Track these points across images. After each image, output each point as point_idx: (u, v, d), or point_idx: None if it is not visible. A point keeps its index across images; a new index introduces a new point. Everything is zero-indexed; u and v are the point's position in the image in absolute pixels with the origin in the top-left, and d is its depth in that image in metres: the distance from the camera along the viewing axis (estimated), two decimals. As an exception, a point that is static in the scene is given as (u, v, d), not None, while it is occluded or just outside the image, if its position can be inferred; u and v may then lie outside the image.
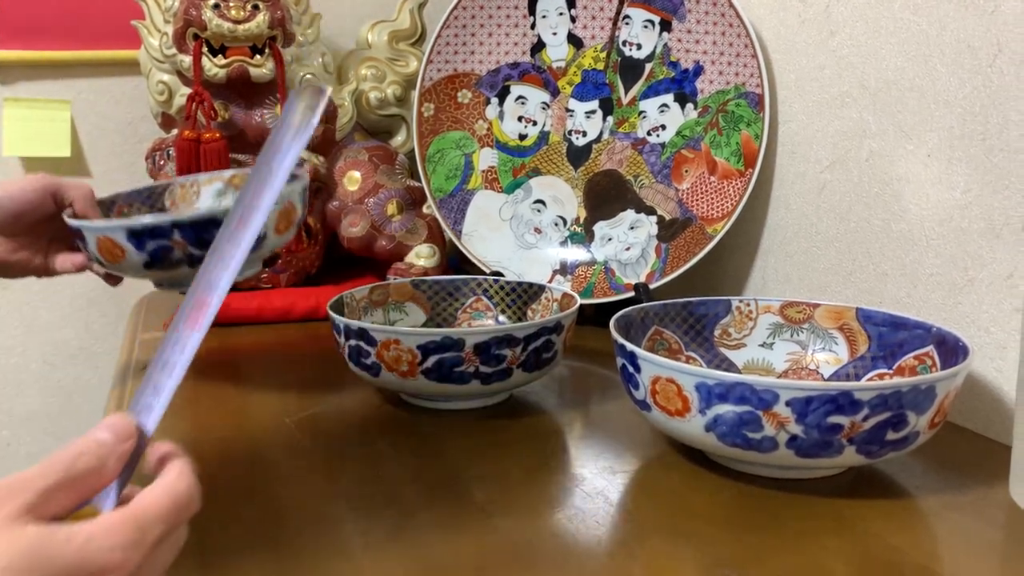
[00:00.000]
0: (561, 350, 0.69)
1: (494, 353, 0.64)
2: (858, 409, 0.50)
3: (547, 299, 0.78)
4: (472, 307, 0.82)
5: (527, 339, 0.65)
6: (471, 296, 0.82)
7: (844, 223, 0.78)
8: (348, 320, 0.67)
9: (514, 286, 0.81)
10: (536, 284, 0.80)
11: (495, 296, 0.82)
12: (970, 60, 0.64)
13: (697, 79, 0.91)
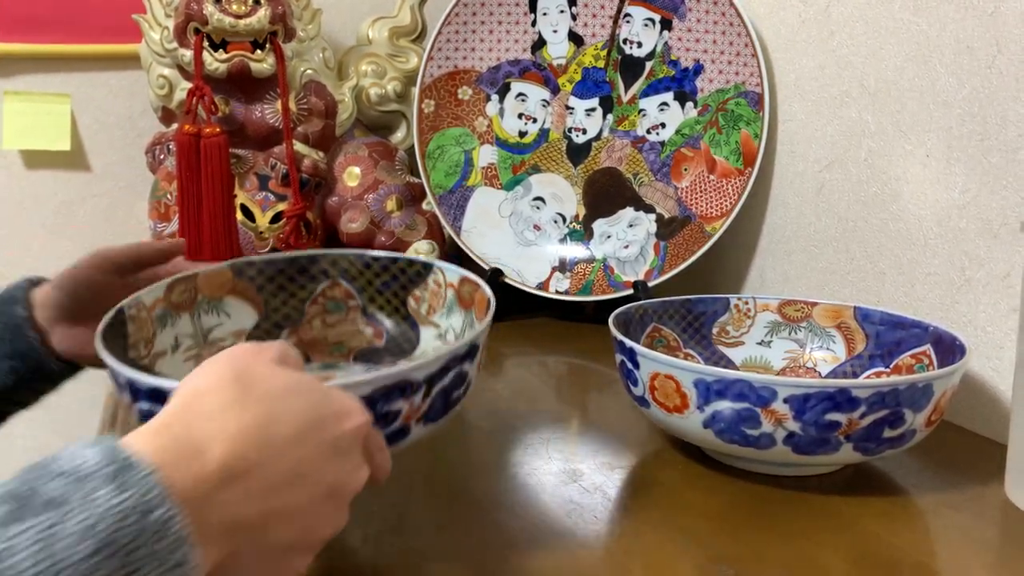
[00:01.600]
0: (475, 377, 0.48)
1: (380, 412, 0.41)
2: (856, 406, 0.50)
3: (436, 283, 0.57)
4: (327, 295, 0.59)
5: (430, 379, 0.42)
6: (323, 280, 0.59)
7: (842, 222, 0.78)
8: (119, 366, 0.42)
9: (386, 263, 0.59)
10: (417, 261, 0.58)
11: (358, 278, 0.59)
12: (969, 61, 0.64)
13: (697, 78, 0.92)
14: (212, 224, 0.95)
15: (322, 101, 1.02)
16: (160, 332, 0.54)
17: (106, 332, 0.48)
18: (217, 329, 0.58)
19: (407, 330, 0.59)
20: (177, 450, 0.30)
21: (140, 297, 0.53)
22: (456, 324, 0.56)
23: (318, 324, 0.60)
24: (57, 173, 1.15)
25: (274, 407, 0.33)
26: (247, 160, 1.00)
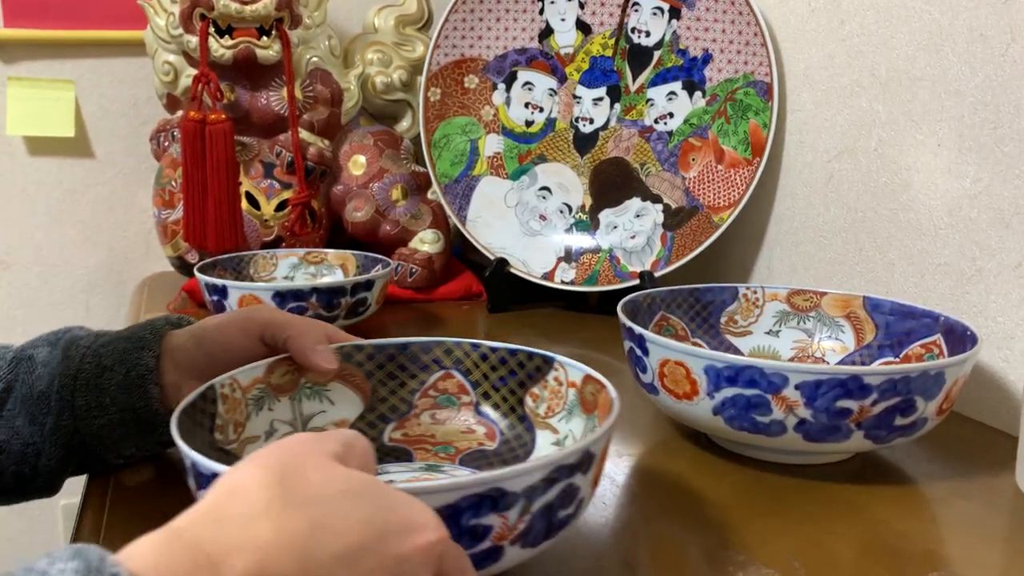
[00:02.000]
0: (589, 494, 0.41)
1: (467, 526, 0.35)
2: (867, 394, 0.50)
3: (556, 381, 0.52)
4: (437, 388, 0.55)
5: (529, 493, 0.36)
6: (435, 370, 0.55)
7: (851, 213, 0.77)
8: (185, 447, 0.38)
9: (503, 356, 0.53)
10: (537, 354, 0.53)
11: (473, 371, 0.54)
12: (982, 49, 0.64)
13: (706, 67, 0.91)
14: (217, 212, 0.95)
15: (328, 89, 1.02)
16: (255, 416, 0.50)
17: (189, 409, 0.44)
18: (318, 417, 0.53)
19: (522, 432, 0.52)
20: (187, 564, 0.25)
21: (236, 375, 0.49)
22: (576, 429, 0.50)
23: (426, 419, 0.55)
24: (61, 160, 1.15)
25: (323, 514, 0.27)
26: (252, 147, 1.00)
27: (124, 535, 0.47)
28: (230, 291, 0.77)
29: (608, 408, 0.44)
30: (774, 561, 0.46)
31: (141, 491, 0.53)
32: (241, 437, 0.49)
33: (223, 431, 0.48)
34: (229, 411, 0.48)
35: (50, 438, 0.51)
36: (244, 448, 0.49)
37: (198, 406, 0.45)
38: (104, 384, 0.51)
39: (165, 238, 1.01)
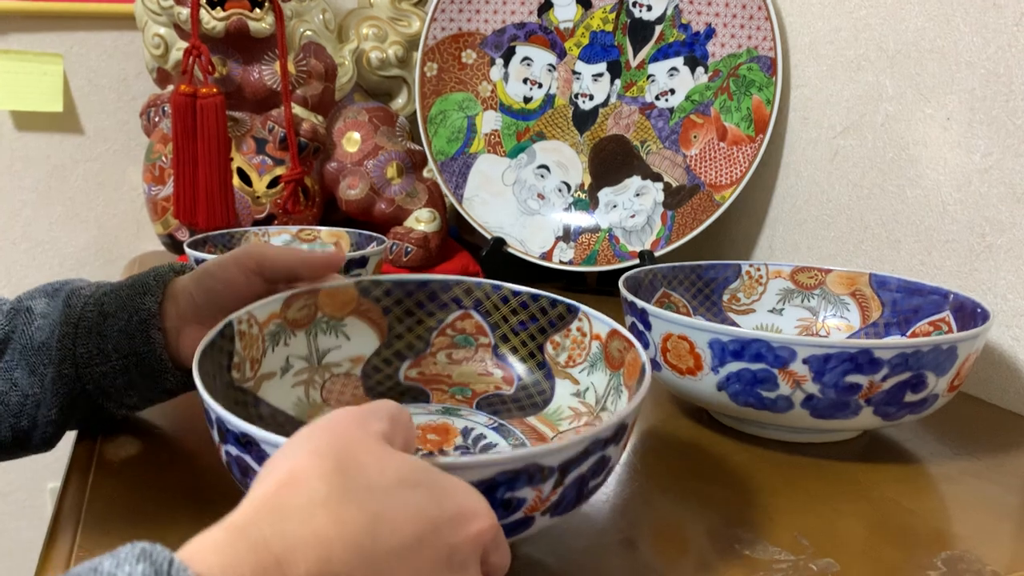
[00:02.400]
0: (617, 461, 0.40)
1: (501, 499, 0.34)
2: (877, 368, 0.49)
3: (580, 331, 0.50)
4: (456, 327, 0.53)
5: (565, 466, 0.35)
6: (454, 309, 0.53)
7: (857, 190, 0.76)
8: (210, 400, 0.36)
9: (525, 299, 0.52)
10: (561, 301, 0.51)
11: (493, 313, 0.53)
12: (995, 19, 0.62)
13: (708, 42, 0.89)
14: (208, 188, 0.93)
15: (322, 63, 0.99)
16: (271, 352, 0.49)
17: (208, 349, 0.42)
18: (334, 352, 0.52)
19: (540, 380, 0.51)
20: (253, 565, 0.24)
21: (252, 310, 0.47)
22: (599, 384, 0.48)
23: (443, 358, 0.53)
24: (49, 135, 1.13)
25: (383, 506, 0.27)
26: (244, 123, 0.98)
27: (107, 511, 0.46)
28: None
29: (637, 371, 0.43)
30: (781, 539, 0.44)
31: (125, 466, 0.51)
32: (258, 374, 0.47)
33: (240, 369, 0.46)
34: (246, 347, 0.47)
35: (50, 388, 0.50)
36: (260, 385, 0.48)
37: (216, 345, 0.44)
38: (106, 331, 0.50)
39: (155, 215, 0.99)
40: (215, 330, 0.44)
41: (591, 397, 0.49)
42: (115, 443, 0.54)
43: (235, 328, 0.46)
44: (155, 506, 0.47)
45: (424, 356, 0.53)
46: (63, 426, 0.52)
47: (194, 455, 0.53)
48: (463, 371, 0.53)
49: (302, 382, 0.50)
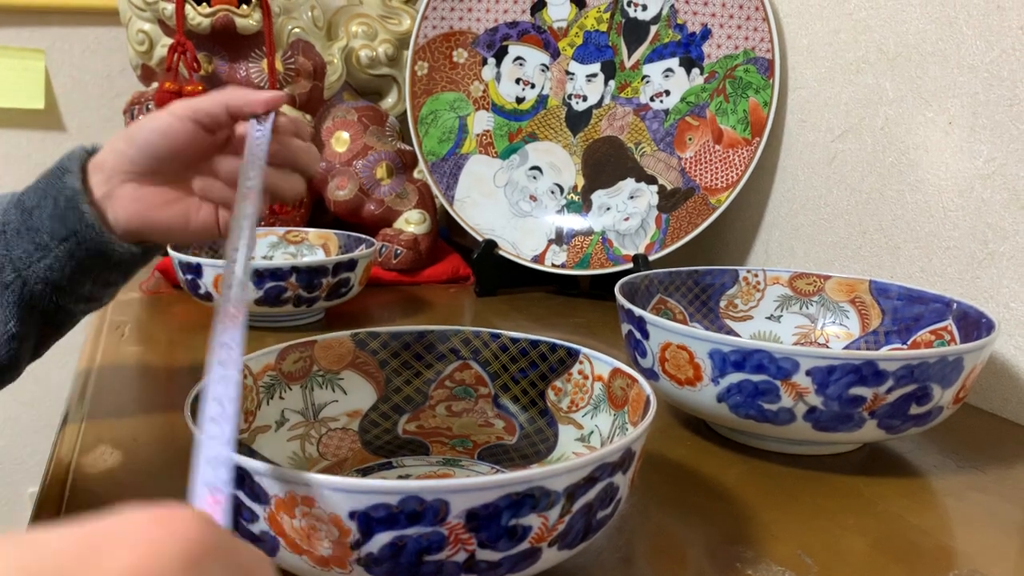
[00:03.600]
0: (626, 495, 0.39)
1: (506, 526, 0.32)
2: (882, 380, 0.47)
3: (581, 375, 0.49)
4: (453, 379, 0.52)
5: (571, 492, 0.34)
6: (452, 360, 0.52)
7: (855, 194, 0.74)
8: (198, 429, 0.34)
9: (524, 347, 0.51)
10: (561, 346, 0.49)
11: (492, 362, 0.51)
12: (999, 22, 0.61)
13: (704, 43, 0.88)
14: (192, 187, 0.91)
15: (310, 61, 0.97)
16: (266, 404, 0.48)
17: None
18: (331, 407, 0.51)
19: (543, 427, 0.50)
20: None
21: (248, 362, 0.46)
22: (603, 425, 0.47)
23: (442, 411, 0.52)
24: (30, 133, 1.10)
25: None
26: (230, 121, 0.95)
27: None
28: (205, 269, 0.73)
29: (642, 404, 0.42)
30: (783, 557, 0.43)
31: (103, 479, 0.50)
32: (252, 426, 0.46)
33: None
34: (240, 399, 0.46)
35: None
36: (255, 438, 0.46)
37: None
38: (35, 223, 0.48)
39: (138, 215, 0.97)
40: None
41: (596, 440, 0.48)
42: (93, 453, 0.52)
43: None
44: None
45: (423, 409, 0.52)
46: (25, 340, 0.49)
47: (172, 466, 0.51)
48: (463, 423, 0.52)
49: (298, 436, 0.49)
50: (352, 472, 0.49)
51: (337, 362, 0.50)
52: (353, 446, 0.50)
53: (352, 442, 0.50)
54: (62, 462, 0.52)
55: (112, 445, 0.54)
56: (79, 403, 0.61)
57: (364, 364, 0.51)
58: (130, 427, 0.57)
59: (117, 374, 0.67)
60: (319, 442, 0.50)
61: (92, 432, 0.55)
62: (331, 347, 0.50)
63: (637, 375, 0.44)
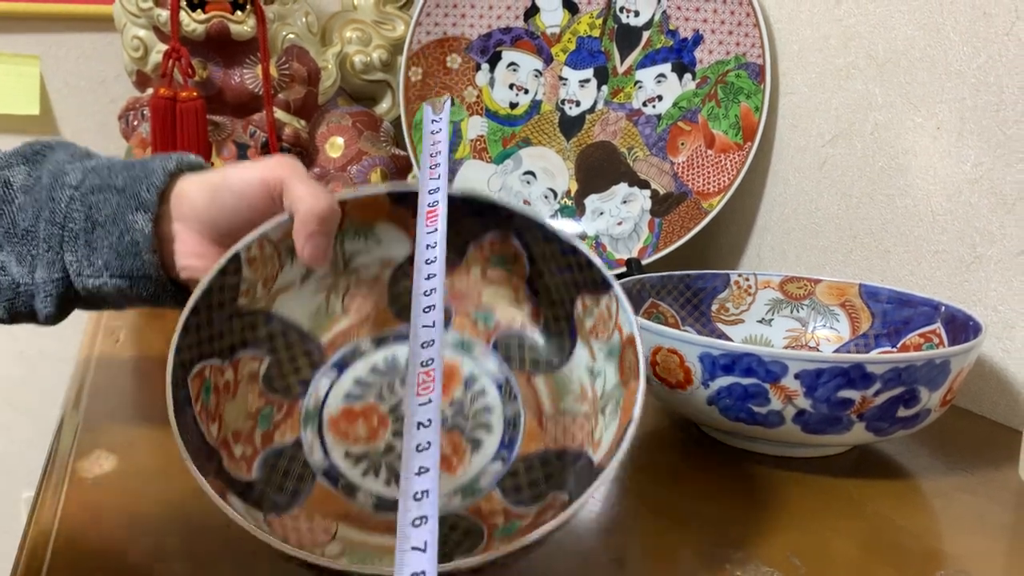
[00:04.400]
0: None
1: None
2: (870, 383, 0.48)
3: (608, 310, 0.45)
4: (492, 247, 0.48)
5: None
6: (493, 229, 0.47)
7: (846, 199, 0.75)
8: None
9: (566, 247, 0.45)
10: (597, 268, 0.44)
11: (533, 245, 0.47)
12: (985, 28, 0.62)
13: (696, 48, 0.88)
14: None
15: (304, 67, 0.98)
16: (289, 264, 0.45)
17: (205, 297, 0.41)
18: (362, 255, 0.48)
19: (564, 332, 0.48)
20: None
21: (265, 232, 0.43)
22: (609, 380, 0.45)
23: (476, 274, 0.49)
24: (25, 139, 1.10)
25: None
26: (225, 127, 0.96)
27: (80, 529, 0.44)
28: None
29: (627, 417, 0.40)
30: (773, 559, 0.43)
31: (98, 484, 0.50)
32: (272, 290, 0.45)
33: (249, 294, 0.44)
34: (258, 270, 0.44)
35: (43, 288, 0.46)
36: (274, 300, 0.45)
37: (216, 286, 0.42)
38: (95, 243, 0.46)
39: (133, 220, 0.97)
40: (214, 272, 0.42)
41: (600, 385, 0.45)
42: (89, 458, 0.53)
43: (243, 259, 0.43)
44: (128, 519, 0.45)
45: (457, 267, 0.49)
46: (63, 315, 0.48)
47: (168, 471, 0.52)
48: (494, 293, 0.49)
49: (325, 288, 0.47)
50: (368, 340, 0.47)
51: (372, 216, 0.46)
52: (380, 302, 0.48)
53: (380, 296, 0.48)
54: (58, 467, 0.52)
55: (108, 450, 0.54)
56: (74, 408, 0.61)
57: (401, 217, 0.47)
58: (126, 432, 0.57)
59: (112, 379, 0.68)
60: (346, 293, 0.48)
61: (88, 437, 0.56)
62: (365, 205, 0.46)
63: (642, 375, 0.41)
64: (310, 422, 0.46)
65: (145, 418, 0.60)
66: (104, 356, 0.73)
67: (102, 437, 0.56)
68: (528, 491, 0.44)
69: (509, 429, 0.46)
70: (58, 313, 0.48)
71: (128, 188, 0.46)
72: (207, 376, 0.43)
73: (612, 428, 0.43)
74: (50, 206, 0.46)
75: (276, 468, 0.44)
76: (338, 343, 0.48)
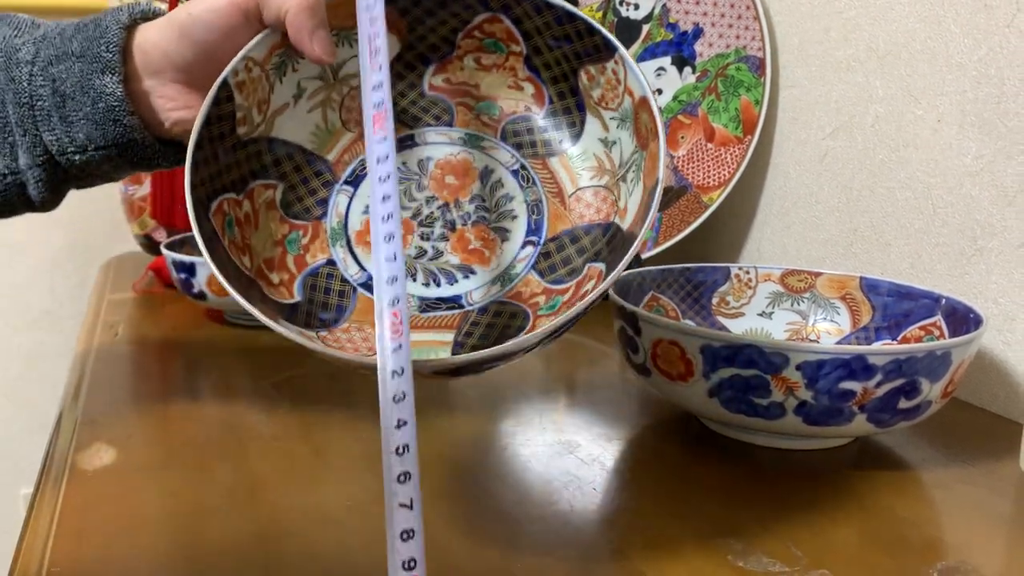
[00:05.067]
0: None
1: None
2: (872, 375, 0.48)
3: (615, 75, 0.43)
4: (483, 30, 0.46)
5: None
6: (480, 10, 0.45)
7: (846, 192, 0.75)
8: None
9: (560, 15, 0.44)
10: (599, 32, 0.43)
11: (524, 20, 0.45)
12: (986, 20, 0.61)
13: (696, 42, 0.88)
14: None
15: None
16: (279, 83, 0.44)
17: (204, 130, 0.40)
18: (350, 63, 0.46)
19: (572, 108, 0.45)
20: None
21: (249, 53, 0.42)
22: (626, 146, 0.43)
23: (471, 63, 0.47)
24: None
25: None
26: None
27: (80, 522, 0.44)
28: (199, 269, 0.73)
29: (653, 178, 0.39)
30: (774, 549, 0.43)
31: (98, 477, 0.50)
32: (268, 113, 0.45)
33: (247, 121, 0.43)
34: (249, 95, 0.43)
35: (29, 173, 0.44)
36: (273, 123, 0.45)
37: (213, 117, 0.41)
38: (70, 117, 0.44)
39: (132, 215, 0.97)
40: (208, 103, 0.41)
41: (616, 154, 0.44)
42: (88, 451, 0.52)
43: (232, 84, 0.42)
44: (129, 514, 0.45)
45: (450, 60, 0.47)
46: (58, 196, 0.46)
47: (167, 464, 0.51)
48: (492, 80, 0.47)
49: (318, 104, 0.46)
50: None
51: (351, 16, 0.43)
52: None
53: None
54: (57, 460, 0.52)
55: (107, 443, 0.54)
56: (73, 401, 0.61)
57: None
58: (125, 425, 0.57)
59: (111, 372, 0.68)
60: (341, 106, 0.47)
61: (87, 431, 0.56)
62: (342, 4, 0.44)
63: (660, 128, 0.40)
64: (338, 239, 0.46)
65: (145, 411, 0.60)
66: (103, 349, 0.73)
67: (101, 430, 0.56)
68: (563, 268, 0.45)
69: (533, 214, 0.46)
70: (53, 196, 0.46)
71: (87, 52, 0.43)
72: (226, 210, 0.43)
73: (636, 193, 0.42)
74: (12, 87, 0.43)
75: (316, 288, 0.45)
76: (346, 160, 0.47)
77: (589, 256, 0.45)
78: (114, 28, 0.43)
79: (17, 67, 0.43)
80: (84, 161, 0.45)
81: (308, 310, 0.44)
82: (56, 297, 1.16)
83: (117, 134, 0.44)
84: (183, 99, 0.44)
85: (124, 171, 0.47)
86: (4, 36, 0.44)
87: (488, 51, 0.47)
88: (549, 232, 0.46)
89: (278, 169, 0.46)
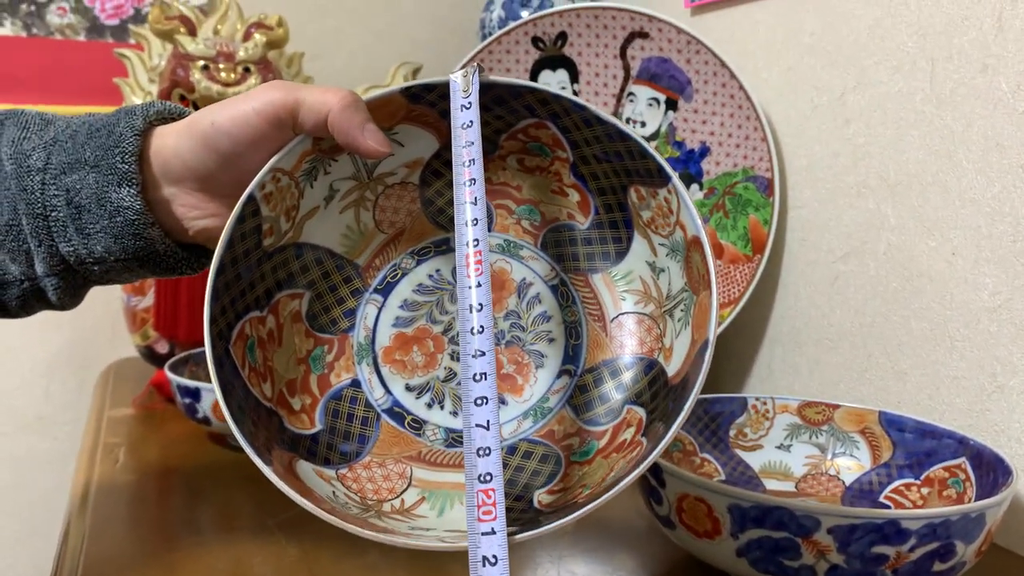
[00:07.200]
0: None
1: None
2: (905, 539, 0.46)
3: (667, 202, 0.40)
4: (528, 134, 0.43)
5: None
6: (526, 116, 0.42)
7: (859, 317, 0.75)
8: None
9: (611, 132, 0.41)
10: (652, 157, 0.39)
11: (573, 131, 0.42)
12: (999, 159, 0.62)
13: (703, 160, 0.89)
14: (190, 299, 0.90)
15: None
16: (310, 188, 0.42)
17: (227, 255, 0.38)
18: (386, 162, 0.44)
19: (619, 223, 0.42)
20: None
21: (277, 164, 0.40)
22: (675, 279, 0.40)
23: (513, 163, 0.44)
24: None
25: None
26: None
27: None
28: (203, 394, 0.71)
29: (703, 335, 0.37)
30: None
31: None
32: (296, 220, 0.42)
33: (273, 232, 0.41)
34: (276, 206, 0.41)
35: (46, 280, 0.43)
36: (301, 230, 0.42)
37: (237, 237, 0.39)
38: (87, 228, 0.42)
39: (134, 326, 0.96)
40: (232, 223, 0.38)
41: (664, 284, 0.41)
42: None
43: (257, 199, 0.40)
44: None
45: (492, 159, 0.44)
46: (79, 296, 0.45)
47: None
48: (535, 183, 0.44)
49: (351, 204, 0.44)
50: (407, 256, 0.44)
51: (388, 119, 0.42)
52: (412, 208, 0.44)
53: (411, 201, 0.45)
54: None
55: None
56: (77, 525, 0.59)
57: (421, 116, 0.43)
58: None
59: (111, 513, 0.65)
60: (375, 206, 0.44)
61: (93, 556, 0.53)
62: (379, 107, 0.41)
63: (712, 277, 0.38)
64: (364, 356, 0.43)
65: (149, 556, 0.58)
66: (104, 480, 0.70)
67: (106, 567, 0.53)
68: (600, 406, 0.41)
69: (571, 338, 0.43)
70: (73, 299, 0.45)
71: (101, 162, 0.42)
72: (248, 333, 0.41)
73: (684, 338, 0.39)
74: (24, 197, 0.42)
75: (339, 414, 0.42)
76: (376, 265, 0.45)
77: (629, 396, 0.42)
78: (129, 136, 0.42)
79: (29, 175, 0.42)
80: (103, 271, 0.44)
81: (329, 441, 0.42)
82: (51, 402, 1.14)
83: (138, 248, 0.43)
84: (206, 207, 0.43)
85: (146, 276, 0.46)
86: (13, 139, 0.43)
87: (532, 153, 0.44)
88: (588, 361, 0.43)
89: (306, 276, 0.44)
